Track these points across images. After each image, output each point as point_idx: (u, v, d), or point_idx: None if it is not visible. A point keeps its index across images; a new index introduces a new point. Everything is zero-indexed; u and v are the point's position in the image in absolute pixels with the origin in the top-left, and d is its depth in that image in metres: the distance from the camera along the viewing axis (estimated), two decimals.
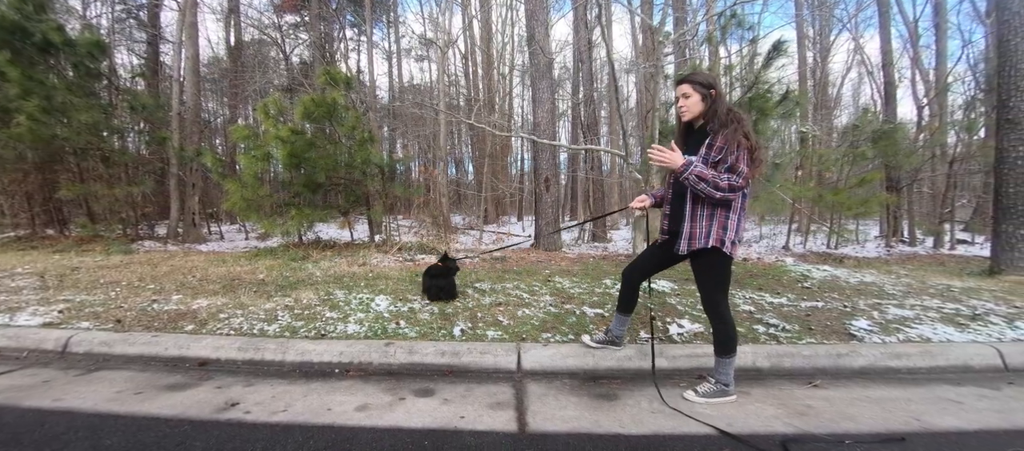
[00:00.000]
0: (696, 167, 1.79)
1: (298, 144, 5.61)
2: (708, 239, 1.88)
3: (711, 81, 1.92)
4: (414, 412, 1.92)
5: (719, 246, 1.88)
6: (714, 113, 1.88)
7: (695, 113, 1.94)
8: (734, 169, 1.79)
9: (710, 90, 1.90)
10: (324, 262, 5.59)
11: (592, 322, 2.98)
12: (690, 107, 1.94)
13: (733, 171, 1.79)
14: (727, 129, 1.82)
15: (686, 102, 1.94)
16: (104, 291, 3.95)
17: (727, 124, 1.83)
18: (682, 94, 1.96)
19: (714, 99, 1.90)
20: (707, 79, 1.94)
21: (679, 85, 2.00)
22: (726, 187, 1.78)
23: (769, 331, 2.83)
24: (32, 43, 5.92)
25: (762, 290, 3.93)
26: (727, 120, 1.85)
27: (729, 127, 1.82)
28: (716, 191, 1.78)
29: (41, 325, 3.00)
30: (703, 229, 1.89)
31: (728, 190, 1.79)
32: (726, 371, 2.02)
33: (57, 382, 2.28)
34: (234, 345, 2.60)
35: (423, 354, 2.49)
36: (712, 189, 1.78)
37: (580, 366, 2.44)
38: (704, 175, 1.77)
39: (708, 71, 4.81)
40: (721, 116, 1.86)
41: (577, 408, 1.99)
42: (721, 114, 1.87)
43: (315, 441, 1.65)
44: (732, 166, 1.79)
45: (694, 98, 1.92)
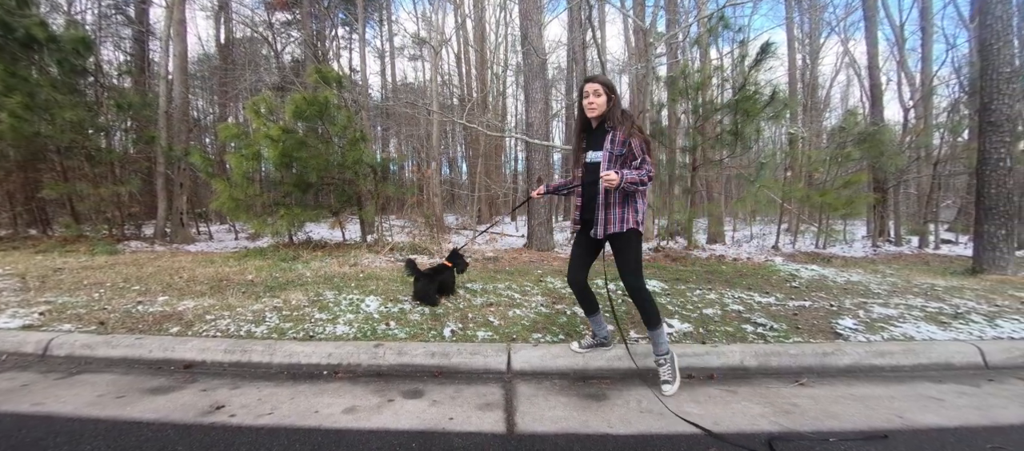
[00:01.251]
0: (627, 177, 2.00)
1: (289, 143, 5.55)
2: (624, 224, 2.12)
3: (614, 85, 2.19)
4: (402, 414, 1.91)
5: (636, 227, 2.13)
6: (612, 113, 2.14)
7: (601, 111, 2.15)
8: (644, 161, 2.08)
9: (612, 94, 2.16)
10: (314, 262, 5.54)
11: (582, 322, 2.99)
12: (598, 105, 2.14)
13: (644, 163, 2.07)
14: (625, 126, 2.10)
15: (596, 100, 2.14)
16: (87, 292, 3.88)
17: (623, 122, 2.11)
18: (593, 92, 2.15)
19: (615, 102, 2.16)
20: (611, 82, 2.19)
21: (589, 83, 2.18)
22: (647, 179, 2.06)
23: (757, 330, 2.86)
24: (14, 39, 5.78)
25: (751, 290, 3.97)
26: (623, 118, 2.14)
27: (625, 124, 2.10)
28: (642, 185, 2.06)
29: (21, 327, 2.93)
30: (617, 215, 2.13)
31: (649, 180, 2.08)
32: (663, 341, 2.21)
33: (36, 386, 2.23)
34: (220, 347, 2.57)
35: (413, 355, 2.47)
36: (639, 185, 2.04)
37: (570, 366, 2.44)
38: (632, 179, 2.01)
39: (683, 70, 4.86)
40: (618, 115, 2.14)
41: (566, 408, 1.99)
42: (618, 113, 2.14)
43: (301, 444, 1.63)
44: (642, 159, 2.08)
45: (603, 98, 2.14)
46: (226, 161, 8.78)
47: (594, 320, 2.48)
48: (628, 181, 2.00)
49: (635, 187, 2.05)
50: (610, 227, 2.14)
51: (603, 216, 2.15)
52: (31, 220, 7.04)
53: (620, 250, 2.18)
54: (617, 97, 2.18)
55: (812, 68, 12.89)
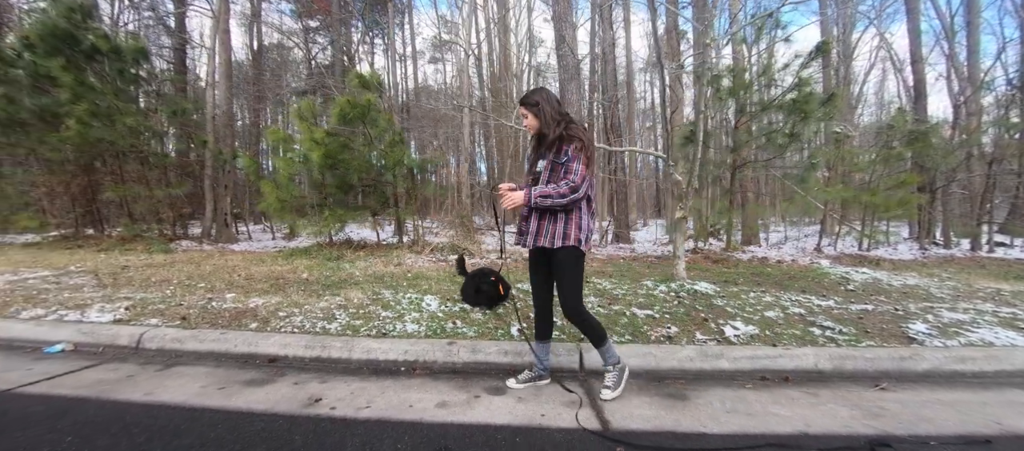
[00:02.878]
0: (535, 193, 1.91)
1: (333, 146, 5.72)
2: (562, 239, 1.97)
3: (536, 99, 2.09)
4: (494, 409, 1.97)
5: (576, 244, 1.99)
6: (546, 120, 2.06)
7: (535, 127, 2.11)
8: (569, 170, 1.94)
9: (537, 106, 2.08)
10: (359, 262, 5.69)
11: (645, 324, 3.00)
12: (530, 124, 2.12)
13: (569, 173, 1.94)
14: (559, 133, 2.01)
15: (526, 121, 2.14)
16: (159, 289, 4.09)
17: (557, 128, 2.02)
18: (521, 114, 2.16)
19: (540, 110, 2.07)
20: (532, 98, 2.11)
21: (520, 106, 2.18)
22: (567, 192, 1.91)
23: (825, 333, 2.83)
24: (80, 50, 6.13)
25: (805, 292, 3.91)
26: (559, 125, 2.04)
27: (565, 131, 2.01)
28: (562, 199, 1.91)
29: (112, 322, 3.12)
30: (555, 228, 1.99)
31: (570, 194, 1.91)
32: (612, 353, 2.15)
33: (140, 377, 2.38)
34: (301, 342, 2.69)
35: (486, 353, 2.54)
36: (558, 199, 1.91)
37: (642, 366, 2.46)
38: (545, 193, 1.91)
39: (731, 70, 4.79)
40: (552, 122, 2.04)
41: (652, 407, 2.02)
42: (551, 120, 2.05)
43: (410, 436, 1.71)
44: (567, 168, 1.95)
45: (529, 117, 2.11)
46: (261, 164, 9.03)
47: (540, 347, 2.25)
48: (539, 195, 1.88)
49: (553, 203, 1.89)
50: (541, 240, 2.00)
51: (536, 226, 2.02)
52: (88, 220, 7.43)
53: (558, 267, 2.03)
54: (546, 107, 2.06)
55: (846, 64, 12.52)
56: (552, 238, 1.99)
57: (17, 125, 5.98)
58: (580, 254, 2.03)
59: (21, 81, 6.05)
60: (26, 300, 3.65)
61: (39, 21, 5.89)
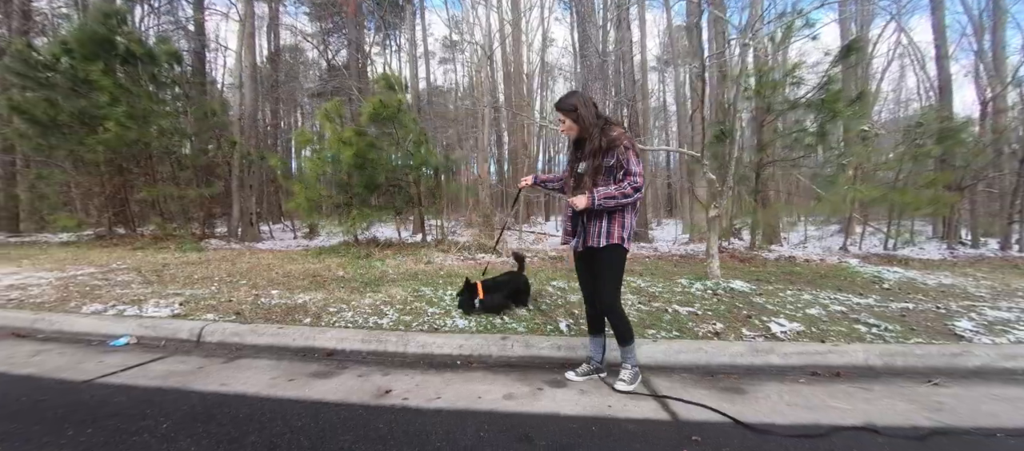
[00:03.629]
0: (599, 195, 1.95)
1: (361, 145, 5.83)
2: (606, 238, 2.04)
3: (573, 104, 2.10)
4: (560, 401, 2.03)
5: (620, 243, 2.04)
6: (587, 128, 2.09)
7: (575, 131, 2.13)
8: (629, 172, 1.97)
9: (575, 111, 2.09)
10: (389, 260, 5.80)
11: (690, 321, 3.05)
12: (570, 128, 2.14)
13: (629, 173, 1.97)
14: (609, 136, 2.02)
15: (564, 126, 2.16)
16: (204, 286, 4.22)
17: (606, 131, 2.04)
18: (558, 120, 2.18)
19: (579, 116, 2.09)
20: (568, 103, 2.12)
21: (556, 112, 2.20)
22: (631, 191, 1.95)
23: (872, 330, 2.85)
24: (116, 54, 6.31)
25: (841, 291, 3.92)
26: (607, 128, 2.06)
27: (609, 134, 2.02)
28: (627, 199, 1.96)
29: (170, 316, 3.24)
30: (601, 228, 2.05)
31: (634, 193, 1.96)
32: (633, 356, 2.21)
33: (210, 369, 2.48)
34: (357, 337, 2.78)
35: (539, 348, 2.60)
36: (622, 199, 1.95)
37: (693, 362, 2.51)
38: (609, 194, 1.94)
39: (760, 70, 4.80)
40: (592, 126, 2.07)
41: (712, 400, 2.07)
42: (591, 125, 2.08)
43: (489, 425, 1.78)
44: (627, 169, 1.97)
45: (568, 121, 2.12)
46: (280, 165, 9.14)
47: (594, 343, 2.33)
48: (603, 197, 1.93)
49: (616, 203, 1.95)
50: (590, 240, 2.07)
51: (584, 228, 2.09)
52: (119, 220, 7.64)
53: (599, 265, 2.09)
54: (583, 111, 2.09)
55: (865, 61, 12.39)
56: (598, 237, 2.05)
57: (58, 128, 6.18)
58: (623, 251, 2.08)
59: (60, 85, 6.25)
60: (82, 296, 3.80)
61: (77, 27, 6.08)
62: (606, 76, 6.84)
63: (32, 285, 4.22)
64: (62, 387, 2.20)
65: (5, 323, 3.22)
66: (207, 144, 7.27)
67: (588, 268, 2.23)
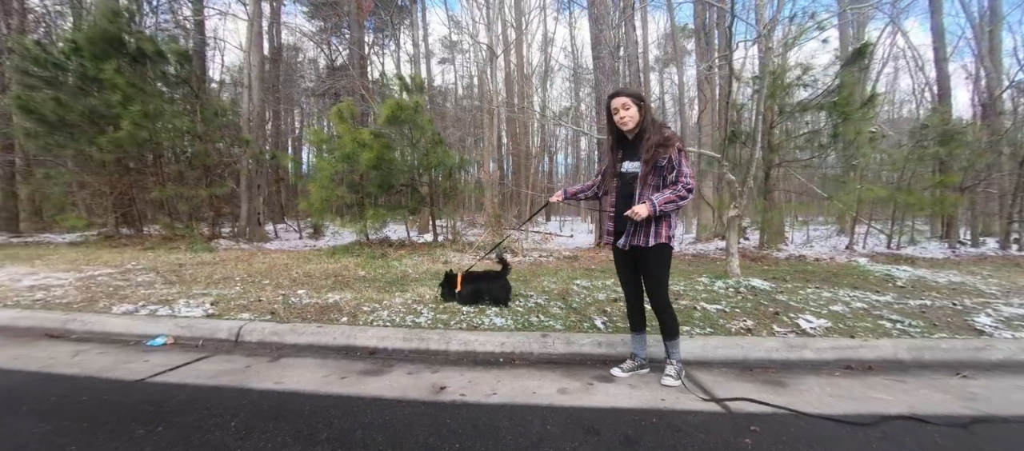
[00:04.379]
0: (659, 202, 1.96)
1: (379, 147, 5.85)
2: (654, 237, 2.07)
3: (642, 94, 2.14)
4: (614, 395, 2.09)
5: (667, 242, 2.09)
6: (646, 122, 2.09)
7: (635, 123, 2.11)
8: (681, 173, 2.00)
9: (642, 102, 2.09)
10: (405, 260, 5.82)
11: (720, 317, 3.12)
12: (631, 118, 2.10)
13: (682, 175, 2.00)
14: (662, 136, 2.03)
15: (626, 113, 2.09)
16: (228, 286, 4.22)
17: (659, 132, 2.05)
18: (622, 106, 2.10)
19: (644, 107, 2.09)
20: (640, 92, 2.13)
21: (616, 98, 2.12)
22: (686, 194, 1.98)
23: (896, 326, 2.95)
24: (126, 53, 6.26)
25: (858, 289, 4.03)
26: (659, 128, 2.07)
27: (662, 134, 2.03)
28: (682, 202, 1.99)
29: (205, 316, 3.25)
30: (648, 228, 2.07)
31: (688, 196, 2.00)
32: (677, 350, 2.26)
33: (257, 368, 2.49)
34: (398, 335, 2.81)
35: (580, 345, 2.66)
36: (679, 203, 1.98)
37: (730, 357, 2.59)
38: (669, 199, 1.96)
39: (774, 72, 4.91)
40: (651, 125, 2.08)
41: (759, 393, 2.14)
42: (651, 124, 2.09)
43: (553, 418, 1.83)
44: (679, 171, 2.00)
45: (633, 110, 2.09)
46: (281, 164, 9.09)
47: (637, 339, 2.37)
48: (663, 204, 1.95)
49: (674, 207, 1.99)
50: (637, 239, 2.09)
51: (632, 227, 2.11)
52: (125, 220, 7.56)
53: (648, 264, 2.13)
54: (647, 105, 2.12)
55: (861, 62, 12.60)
56: (646, 237, 2.08)
57: (67, 127, 6.11)
58: (670, 250, 2.13)
59: (69, 84, 6.18)
60: (108, 296, 3.79)
61: (87, 25, 6.02)
62: (620, 76, 6.92)
63: (53, 285, 4.20)
64: (117, 386, 2.21)
65: (36, 324, 3.21)
66: (218, 143, 7.23)
67: (632, 267, 2.26)
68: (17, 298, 3.75)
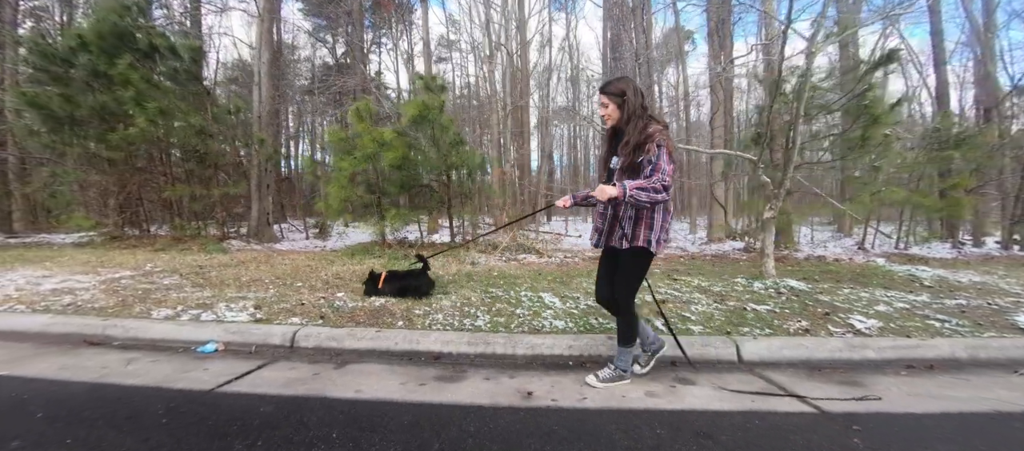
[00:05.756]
0: (631, 185, 1.84)
1: (402, 147, 5.78)
2: (630, 241, 2.01)
3: (622, 88, 2.04)
4: (702, 397, 2.10)
5: (646, 246, 2.00)
6: (628, 115, 2.02)
7: (616, 119, 2.06)
8: (657, 168, 1.90)
9: (622, 96, 2.02)
10: (431, 261, 5.75)
11: (775, 318, 3.17)
12: (611, 115, 2.07)
13: (657, 170, 1.89)
14: (639, 128, 1.96)
15: (606, 111, 2.08)
16: (259, 288, 4.12)
17: (637, 124, 1.98)
18: (602, 104, 2.09)
19: (625, 102, 2.03)
20: (618, 87, 2.05)
21: (599, 95, 2.12)
22: (661, 189, 1.87)
23: (945, 326, 3.03)
24: (137, 49, 6.06)
25: (890, 289, 4.13)
26: (638, 120, 2.00)
27: (639, 127, 1.97)
28: (657, 195, 1.87)
29: (251, 321, 3.16)
30: (626, 230, 2.02)
31: (663, 191, 1.88)
32: (625, 359, 2.23)
33: (326, 375, 2.42)
34: (462, 340, 2.78)
35: None
36: (653, 194, 1.86)
37: (796, 357, 2.63)
38: (641, 185, 1.84)
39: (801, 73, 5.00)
40: (634, 118, 2.00)
41: (838, 392, 2.17)
42: (633, 115, 2.01)
43: (657, 423, 1.84)
44: (655, 166, 1.90)
45: (611, 107, 2.05)
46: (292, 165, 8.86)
47: (640, 333, 2.29)
48: (634, 189, 1.82)
49: (647, 199, 1.84)
50: (612, 239, 2.05)
51: (608, 226, 2.05)
52: (131, 220, 7.33)
53: (622, 265, 2.08)
54: (632, 98, 2.02)
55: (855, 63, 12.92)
56: (621, 239, 2.02)
57: (76, 123, 5.87)
58: (648, 255, 2.04)
59: (77, 79, 5.95)
60: (140, 300, 3.67)
61: (96, 20, 5.80)
62: (637, 78, 6.97)
63: (77, 289, 4.04)
64: (190, 398, 2.12)
65: (73, 330, 3.09)
66: (233, 141, 7.05)
67: (607, 267, 2.20)
68: (44, 302, 3.60)
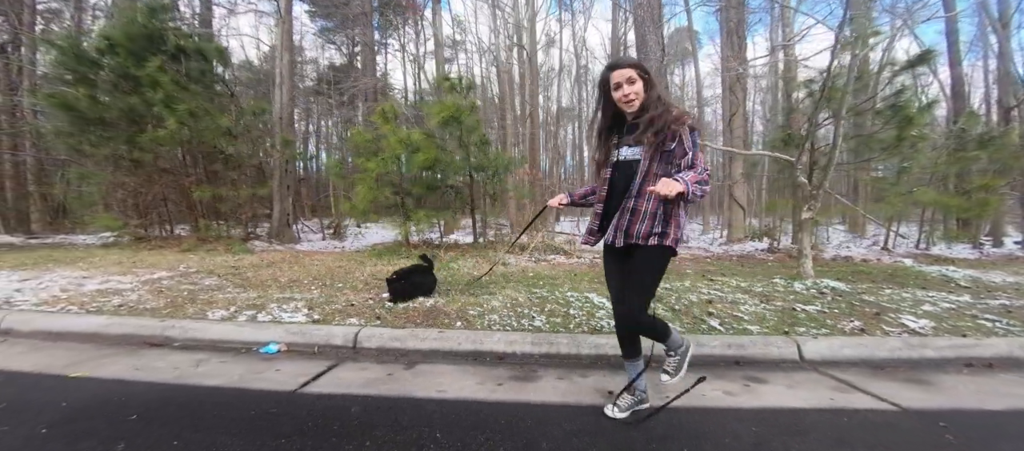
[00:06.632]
0: (688, 177, 1.59)
1: (432, 148, 5.81)
2: (659, 238, 1.73)
3: (644, 64, 1.76)
4: (780, 395, 2.15)
5: (672, 245, 1.75)
6: (652, 99, 1.73)
7: (641, 99, 1.73)
8: (698, 157, 1.67)
9: (648, 75, 1.73)
10: (459, 262, 5.79)
11: (829, 318, 3.20)
12: (636, 93, 1.72)
13: (697, 159, 1.67)
14: (670, 114, 1.69)
15: (631, 89, 1.72)
16: (301, 289, 4.15)
17: (665, 108, 1.71)
18: (626, 80, 1.72)
19: (652, 83, 1.73)
20: (641, 63, 1.75)
21: (617, 71, 1.74)
22: (706, 180, 1.66)
23: (996, 325, 3.08)
24: (164, 51, 6.07)
25: (928, 289, 4.17)
26: (664, 104, 1.73)
27: (670, 113, 1.70)
28: (706, 187, 1.67)
29: (309, 322, 3.19)
30: (653, 226, 1.73)
31: (709, 183, 1.70)
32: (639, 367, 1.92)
33: (400, 376, 2.45)
34: (526, 340, 2.82)
35: (710, 347, 2.71)
36: (705, 187, 1.66)
37: (858, 356, 2.67)
38: (697, 180, 1.61)
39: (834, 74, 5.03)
40: (659, 103, 1.72)
41: (910, 391, 2.21)
42: (657, 101, 1.73)
43: (753, 421, 1.87)
44: (696, 154, 1.67)
45: (639, 85, 1.72)
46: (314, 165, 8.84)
47: (632, 366, 1.94)
48: (694, 182, 1.58)
49: (698, 194, 1.61)
50: (635, 236, 1.73)
51: (628, 221, 1.75)
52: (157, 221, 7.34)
53: (640, 265, 1.75)
54: (652, 78, 1.74)
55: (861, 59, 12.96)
56: (648, 235, 1.73)
57: (105, 125, 5.88)
58: (670, 255, 1.79)
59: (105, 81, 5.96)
60: (188, 301, 3.69)
61: (125, 22, 5.82)
62: (664, 79, 7.00)
63: (123, 290, 4.07)
64: (277, 399, 2.14)
65: (132, 331, 3.11)
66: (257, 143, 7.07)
67: (623, 268, 1.84)
68: (95, 303, 3.63)
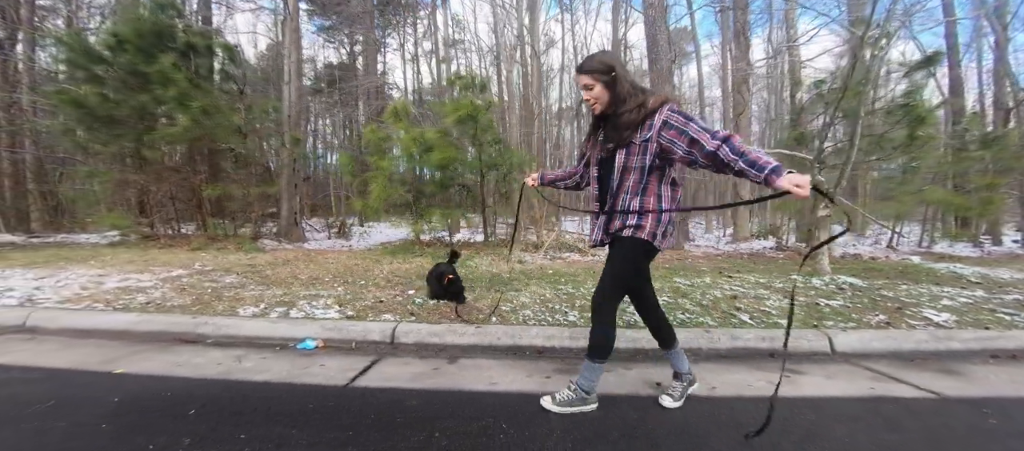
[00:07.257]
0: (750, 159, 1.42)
1: (448, 147, 5.83)
2: (639, 230, 1.68)
3: (610, 63, 1.65)
4: (821, 385, 2.21)
5: (650, 240, 1.69)
6: (623, 95, 1.65)
7: (606, 103, 1.69)
8: (702, 130, 1.53)
9: (610, 73, 1.64)
10: (475, 259, 5.81)
11: (850, 312, 3.28)
12: (598, 97, 1.68)
13: (705, 132, 1.52)
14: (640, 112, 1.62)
15: (590, 93, 1.68)
16: (324, 286, 4.15)
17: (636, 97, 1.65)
18: (584, 86, 1.70)
19: (617, 80, 1.64)
20: (602, 62, 1.66)
21: (578, 77, 1.72)
22: (727, 134, 1.53)
23: (1015, 319, 3.17)
24: (175, 48, 6.02)
25: (942, 285, 4.26)
26: (638, 93, 1.66)
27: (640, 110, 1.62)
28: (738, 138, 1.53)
29: (343, 318, 3.20)
30: (633, 217, 1.70)
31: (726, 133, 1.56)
32: (590, 377, 1.86)
33: (446, 370, 2.46)
34: (564, 334, 2.86)
35: (745, 340, 2.77)
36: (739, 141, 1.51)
37: (886, 348, 2.74)
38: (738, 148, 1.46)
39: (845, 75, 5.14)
40: (630, 99, 1.64)
41: (944, 381, 2.29)
42: (629, 97, 1.65)
43: (801, 407, 1.93)
44: (700, 128, 1.53)
45: (597, 88, 1.66)
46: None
47: (674, 358, 1.96)
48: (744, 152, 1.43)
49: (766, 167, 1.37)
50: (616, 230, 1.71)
51: (607, 218, 1.74)
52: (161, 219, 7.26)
53: (614, 254, 1.74)
54: (621, 73, 1.65)
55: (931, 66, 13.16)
56: (621, 228, 1.70)
57: (115, 123, 5.81)
58: (647, 250, 1.71)
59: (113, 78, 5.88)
60: (216, 299, 3.68)
61: (135, 20, 5.75)
62: (673, 80, 7.09)
63: (145, 287, 4.04)
64: (331, 394, 2.14)
65: (163, 328, 3.10)
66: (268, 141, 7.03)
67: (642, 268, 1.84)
68: (120, 301, 3.60)
